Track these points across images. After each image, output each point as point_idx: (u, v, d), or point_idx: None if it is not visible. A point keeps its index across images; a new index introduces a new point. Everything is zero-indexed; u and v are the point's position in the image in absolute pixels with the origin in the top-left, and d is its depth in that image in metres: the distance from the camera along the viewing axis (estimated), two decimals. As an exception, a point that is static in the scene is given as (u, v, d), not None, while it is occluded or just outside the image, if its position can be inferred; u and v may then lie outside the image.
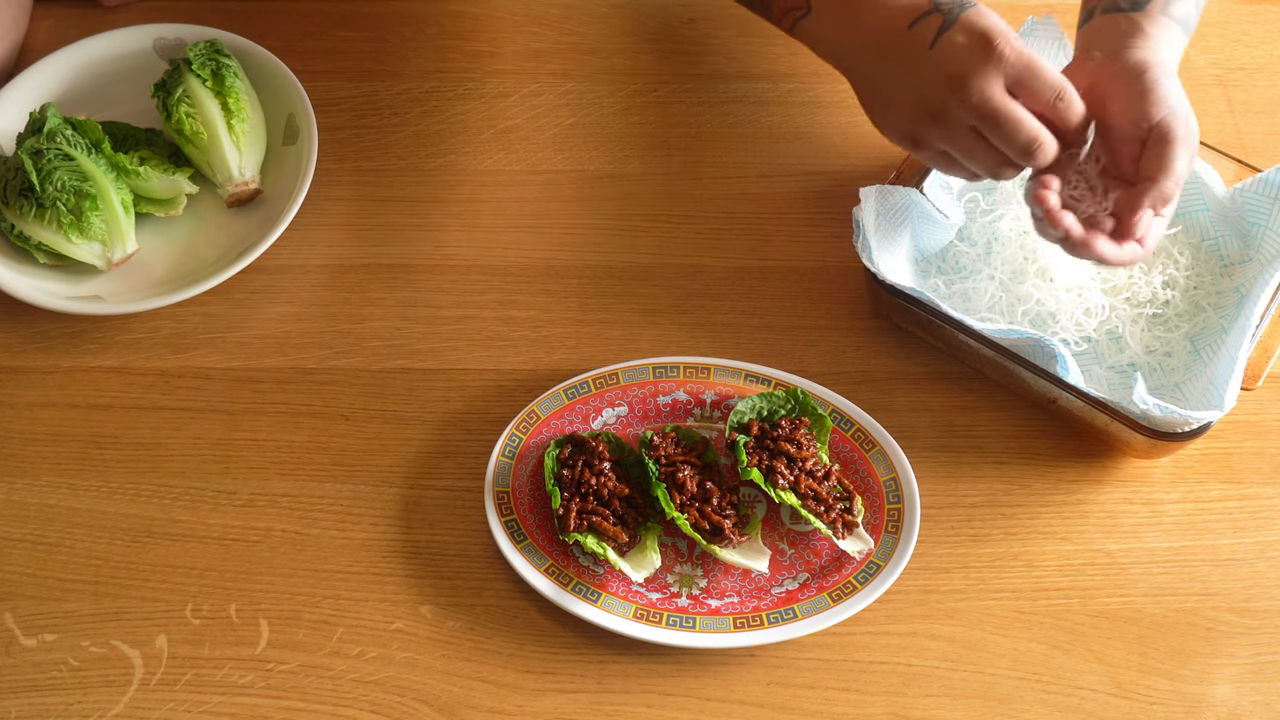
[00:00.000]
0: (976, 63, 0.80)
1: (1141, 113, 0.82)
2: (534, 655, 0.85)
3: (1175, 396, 0.89)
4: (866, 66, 0.87)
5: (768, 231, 1.02)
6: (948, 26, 0.81)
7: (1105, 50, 0.85)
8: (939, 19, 0.82)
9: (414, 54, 1.11)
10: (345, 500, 0.91)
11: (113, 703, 0.84)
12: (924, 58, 0.82)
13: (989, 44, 0.80)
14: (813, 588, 0.86)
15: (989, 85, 0.80)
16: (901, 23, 0.84)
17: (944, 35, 0.81)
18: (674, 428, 0.90)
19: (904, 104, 0.84)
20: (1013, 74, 0.80)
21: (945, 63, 0.81)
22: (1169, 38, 0.86)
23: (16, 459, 0.93)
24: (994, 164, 0.83)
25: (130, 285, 0.98)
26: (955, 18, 0.81)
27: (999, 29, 0.80)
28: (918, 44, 0.83)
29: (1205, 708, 0.83)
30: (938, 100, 0.82)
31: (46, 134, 0.96)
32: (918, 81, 0.83)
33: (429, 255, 1.01)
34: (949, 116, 0.82)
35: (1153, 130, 0.82)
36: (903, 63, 0.84)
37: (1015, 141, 0.80)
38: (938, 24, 0.82)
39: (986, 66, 0.80)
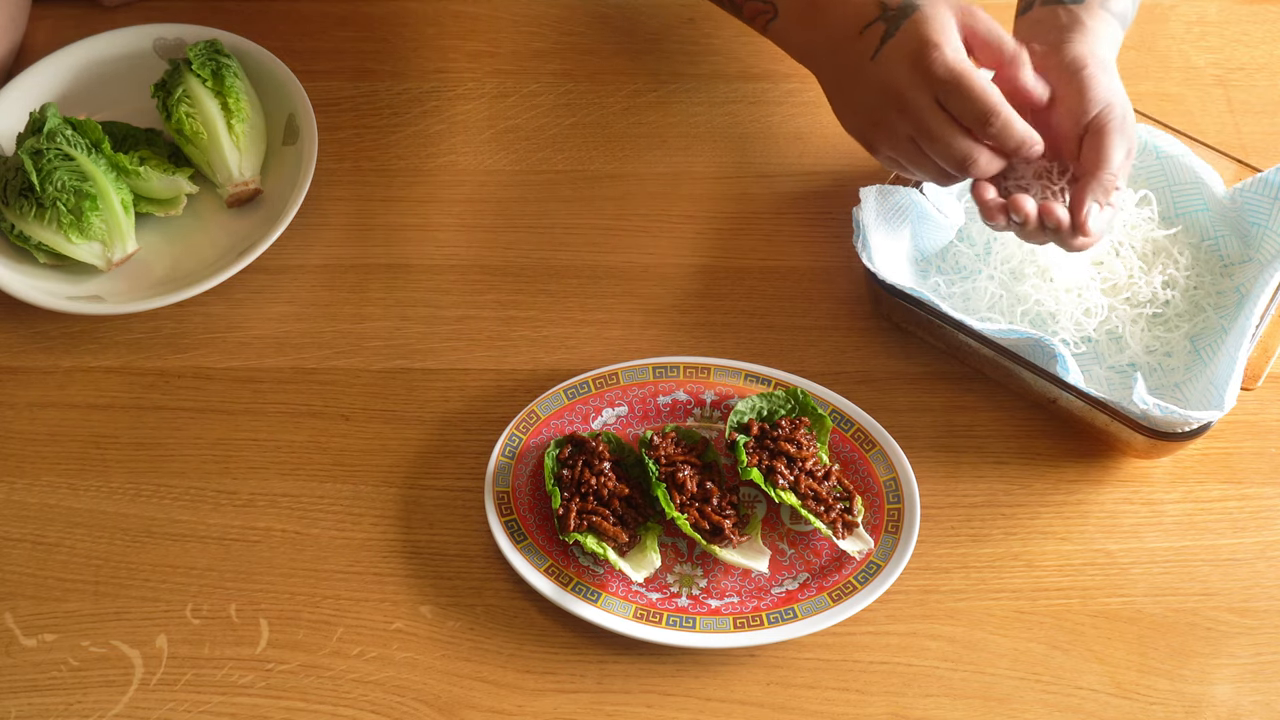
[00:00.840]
0: (909, 79, 0.81)
1: (1080, 109, 0.82)
2: (534, 655, 0.85)
3: (1175, 396, 0.89)
4: (827, 69, 0.88)
5: (768, 231, 1.02)
6: (888, 36, 0.82)
7: (1044, 43, 0.85)
8: (881, 28, 0.83)
9: (414, 54, 1.11)
10: (345, 500, 0.91)
11: (113, 703, 0.84)
12: (867, 69, 0.83)
13: (920, 59, 0.80)
14: (813, 588, 0.86)
15: (920, 101, 0.80)
16: (853, 28, 0.84)
17: (885, 45, 0.82)
18: (674, 428, 0.90)
19: (855, 110, 0.86)
20: (942, 92, 0.80)
21: (884, 75, 0.82)
22: (1107, 31, 0.87)
23: (16, 459, 0.93)
24: (934, 174, 0.84)
25: (130, 285, 0.98)
26: (896, 27, 0.82)
27: (932, 40, 0.80)
28: (863, 53, 0.83)
29: (1205, 708, 0.83)
30: (879, 110, 0.83)
31: (46, 134, 0.96)
32: (863, 91, 0.84)
33: (429, 255, 1.01)
34: (892, 126, 0.83)
35: (1089, 125, 0.82)
36: (851, 70, 0.85)
37: (948, 159, 0.81)
38: (880, 33, 0.82)
39: (918, 82, 0.80)
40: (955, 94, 0.80)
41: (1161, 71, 1.09)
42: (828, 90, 0.89)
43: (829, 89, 0.89)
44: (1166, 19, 1.12)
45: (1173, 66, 1.10)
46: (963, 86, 0.79)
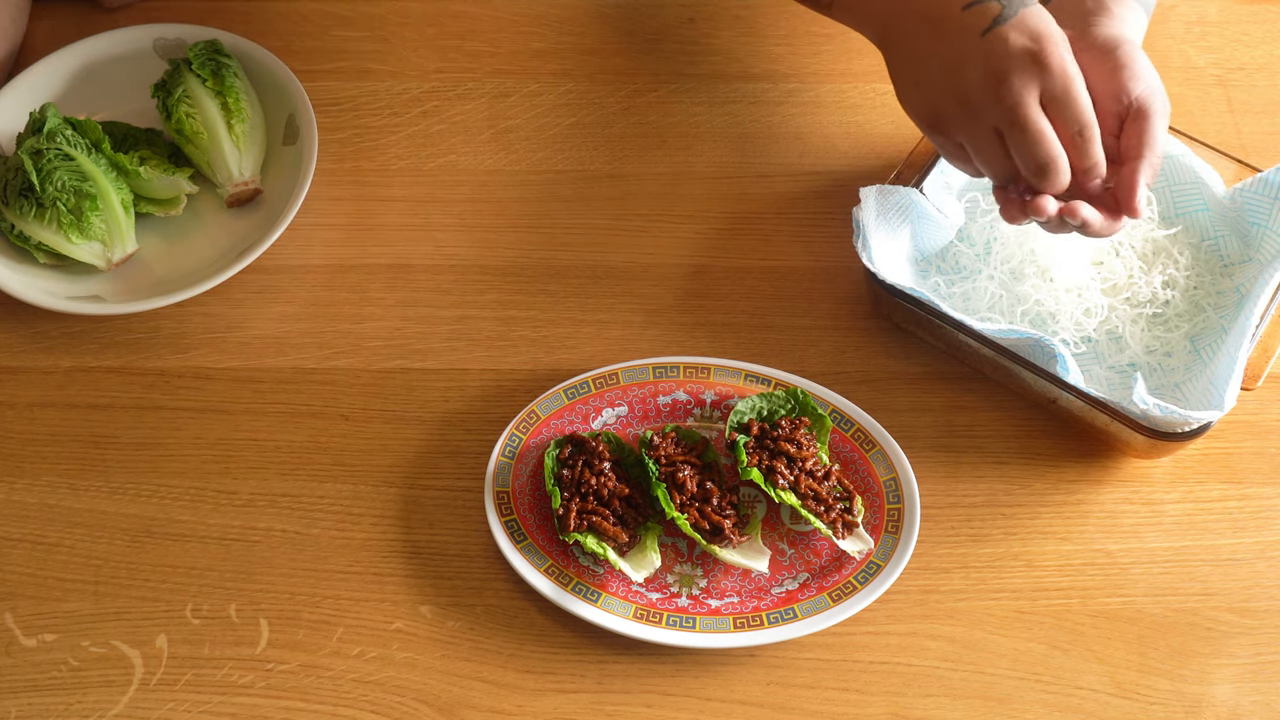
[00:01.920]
0: (1021, 65, 0.79)
1: (1120, 87, 0.82)
2: (534, 655, 0.85)
3: (1175, 396, 0.89)
4: (909, 39, 0.85)
5: (768, 231, 1.02)
6: (1003, 20, 0.80)
7: (1072, 26, 0.85)
8: (996, 8, 0.80)
9: (414, 54, 1.11)
10: (345, 500, 0.91)
11: (113, 703, 0.84)
12: (972, 43, 0.81)
13: (1039, 50, 0.79)
14: (813, 588, 0.86)
15: (1026, 91, 0.79)
16: (956, 2, 0.82)
17: (998, 27, 0.80)
18: (674, 428, 0.90)
19: (937, 85, 0.83)
20: (1051, 90, 0.79)
21: (991, 55, 0.80)
22: (1133, 17, 0.87)
23: (16, 459, 0.93)
24: (1004, 171, 0.83)
25: (130, 285, 0.98)
26: (1014, 12, 0.80)
27: (1052, 36, 0.79)
28: (969, 29, 0.81)
29: (1205, 708, 0.83)
30: (972, 90, 0.81)
31: (46, 134, 0.96)
32: (958, 66, 0.81)
33: (429, 255, 1.01)
34: (978, 110, 0.81)
35: (1132, 105, 0.82)
36: (948, 43, 0.82)
37: (1032, 158, 0.80)
38: (994, 13, 0.80)
39: (1029, 72, 0.79)
40: (1064, 96, 0.79)
41: (1161, 71, 1.07)
42: (899, 60, 0.86)
43: (903, 59, 0.86)
44: (1166, 19, 1.12)
45: (1173, 66, 1.10)
46: (1073, 91, 0.79)
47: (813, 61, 1.10)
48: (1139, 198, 0.81)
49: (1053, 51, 0.79)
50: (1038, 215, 0.81)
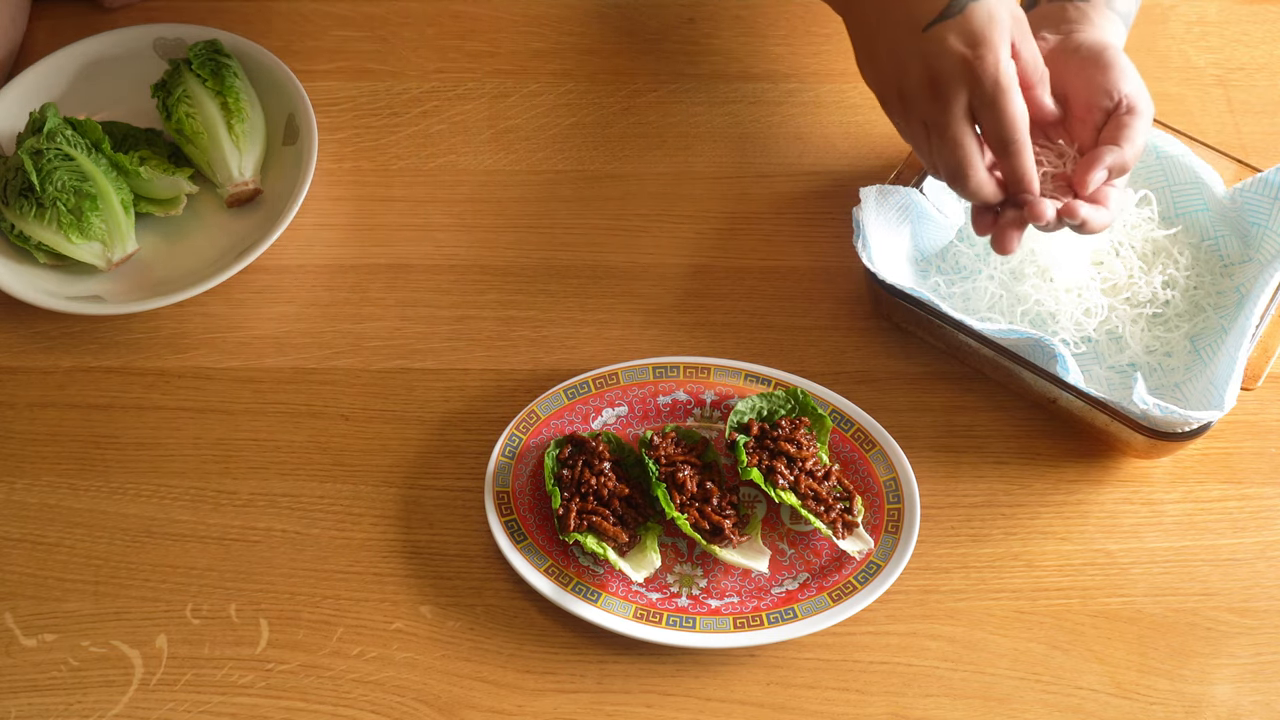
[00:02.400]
0: (953, 70, 0.78)
1: (1111, 84, 0.82)
2: (534, 655, 0.85)
3: (1175, 396, 0.89)
4: (865, 15, 0.84)
5: (768, 231, 1.02)
6: (947, 16, 0.78)
7: (1056, 32, 0.85)
8: (944, 2, 0.79)
9: (414, 54, 1.11)
10: (345, 500, 0.91)
11: (113, 703, 0.84)
12: (913, 37, 0.79)
13: (973, 57, 0.77)
14: (813, 588, 0.86)
15: (953, 97, 0.79)
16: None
17: (940, 24, 0.79)
18: (674, 428, 0.90)
19: (882, 69, 0.83)
20: (980, 98, 0.78)
21: (927, 55, 0.79)
22: (1114, 29, 0.88)
23: (16, 459, 0.93)
24: (929, 165, 0.84)
25: (130, 285, 0.98)
26: (960, 8, 0.78)
27: (991, 41, 0.77)
28: (913, 20, 0.79)
29: (1205, 708, 0.83)
30: (908, 85, 0.81)
31: (46, 134, 0.96)
32: (900, 55, 0.81)
33: (429, 255, 1.01)
34: (911, 104, 0.81)
35: (1121, 102, 0.82)
36: (896, 30, 0.81)
37: (944, 163, 0.81)
38: (940, 7, 0.78)
39: (960, 79, 0.78)
40: (991, 106, 0.78)
41: (1161, 71, 1.09)
42: (854, 33, 0.86)
43: (858, 36, 0.85)
44: (1166, 19, 1.12)
45: (1173, 66, 1.10)
46: (1000, 102, 0.78)
47: (813, 61, 1.10)
48: (1093, 175, 0.80)
49: (989, 60, 0.77)
50: (1036, 221, 0.81)
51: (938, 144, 0.80)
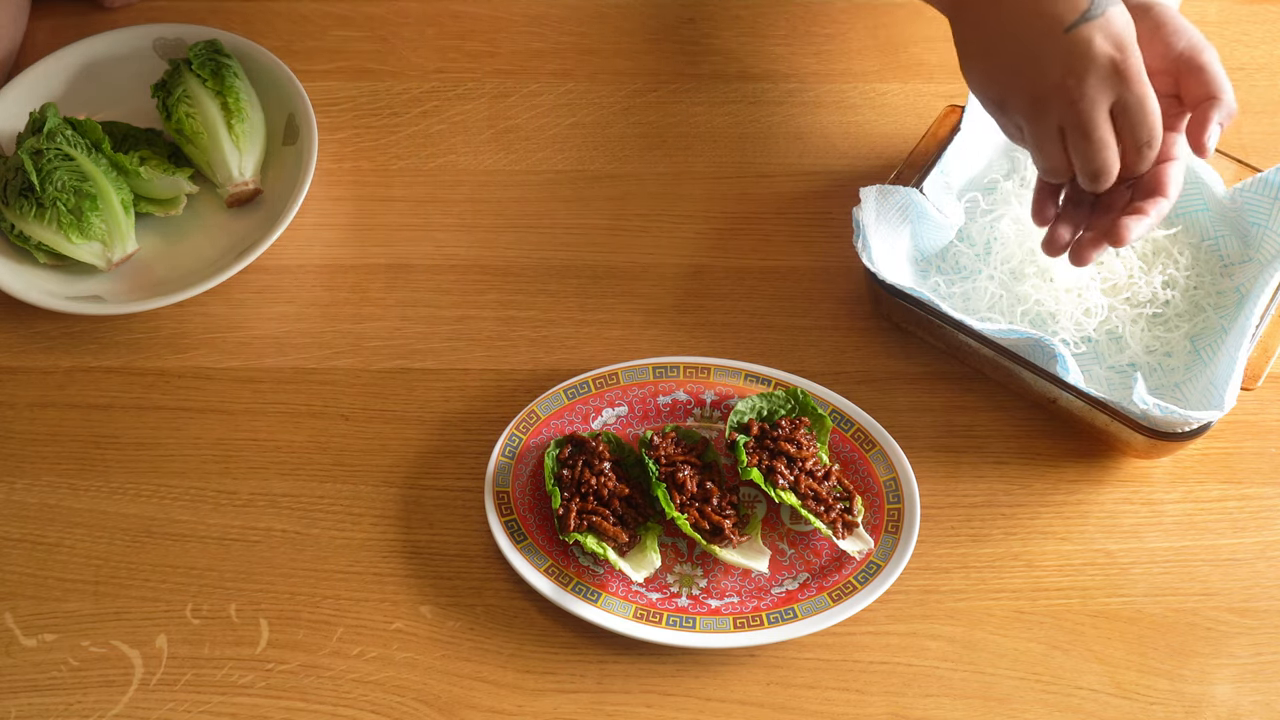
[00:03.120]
0: (1102, 72, 0.77)
1: (1164, 45, 0.82)
2: (534, 655, 0.85)
3: (1175, 396, 0.89)
4: (983, 17, 0.82)
5: (768, 231, 1.02)
6: (1090, 17, 0.77)
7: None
8: (1085, 3, 0.77)
9: (414, 54, 1.11)
10: (345, 500, 0.91)
11: (113, 703, 0.84)
12: (1053, 38, 0.78)
13: (1122, 60, 0.77)
14: (813, 588, 0.86)
15: (1100, 98, 0.78)
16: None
17: (1084, 25, 0.77)
18: (674, 428, 0.90)
19: (1009, 70, 0.81)
20: (1125, 101, 0.78)
21: (1072, 54, 0.78)
22: None
23: (16, 459, 0.93)
24: (1058, 166, 0.82)
25: (130, 285, 0.98)
26: (1100, 11, 0.77)
27: (1131, 43, 0.77)
28: (1052, 21, 0.78)
29: (1205, 708, 0.83)
30: (1047, 87, 0.79)
31: (46, 134, 0.96)
32: (1035, 58, 0.79)
33: (429, 255, 1.01)
34: (1047, 105, 0.80)
35: (1180, 59, 0.82)
36: (1030, 30, 0.79)
37: (1090, 164, 0.79)
38: (1082, 8, 0.77)
39: (1109, 80, 0.78)
40: (1137, 108, 0.78)
41: (1161, 71, 1.09)
42: (971, 33, 0.84)
43: (971, 34, 0.83)
44: (1166, 19, 1.12)
45: (1173, 66, 1.10)
46: (1147, 104, 0.78)
47: (813, 61, 1.10)
48: (1208, 136, 0.81)
49: (1134, 63, 0.77)
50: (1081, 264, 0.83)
51: (1082, 145, 0.79)
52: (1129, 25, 0.78)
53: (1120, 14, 0.78)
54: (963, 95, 0.95)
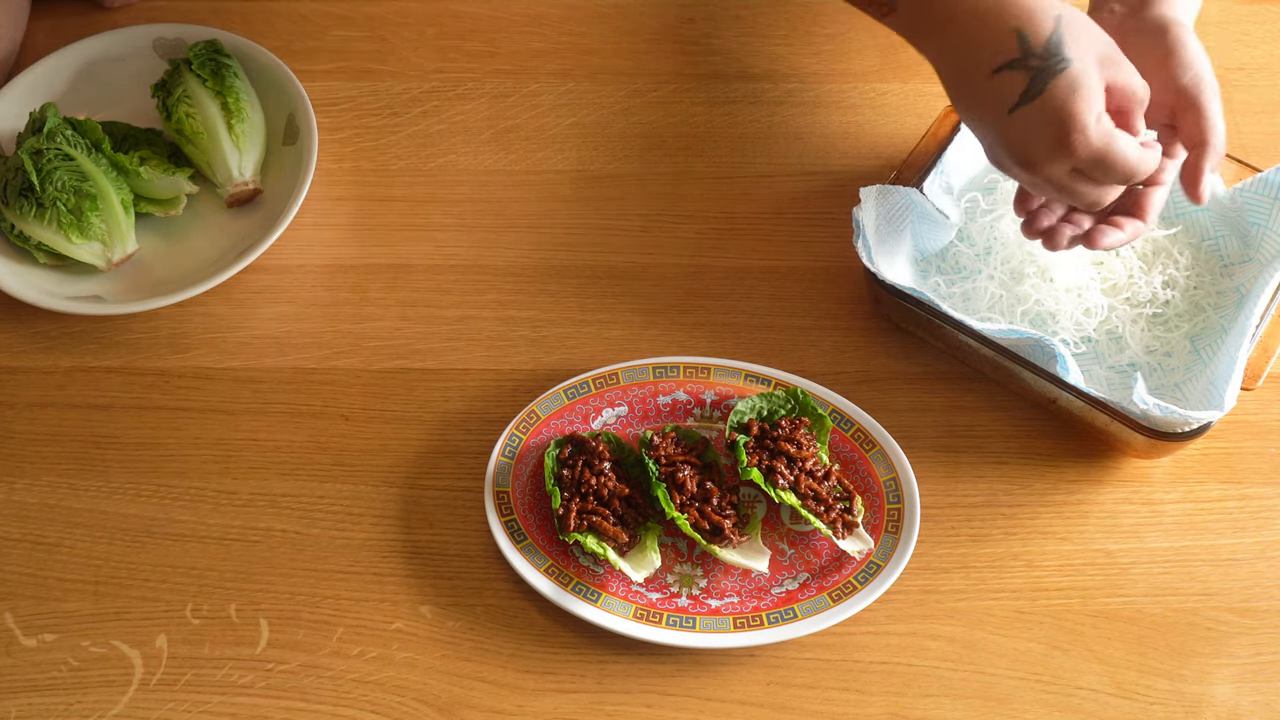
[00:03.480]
0: (1047, 153, 0.76)
1: (1168, 74, 0.81)
2: (534, 655, 0.85)
3: (1175, 396, 0.89)
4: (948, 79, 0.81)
5: (768, 231, 1.02)
6: (1030, 97, 0.75)
7: (1125, 5, 0.84)
8: (1024, 79, 0.75)
9: (414, 54, 1.11)
10: (345, 500, 0.91)
11: (113, 703, 0.84)
12: (1000, 120, 0.77)
13: (1063, 138, 0.75)
14: (813, 588, 0.86)
15: (1057, 171, 0.77)
16: (987, 63, 0.76)
17: (1023, 108, 0.75)
18: (674, 428, 0.90)
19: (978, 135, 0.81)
20: (1084, 166, 0.77)
21: (1016, 140, 0.77)
22: (1184, 4, 0.86)
23: (16, 459, 0.93)
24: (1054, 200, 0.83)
25: (130, 285, 0.98)
26: (1040, 88, 0.74)
27: (1079, 119, 0.74)
28: (996, 100, 0.76)
29: (1205, 708, 0.83)
30: (1004, 160, 0.79)
31: (46, 134, 0.96)
32: (989, 137, 0.79)
33: (429, 255, 1.01)
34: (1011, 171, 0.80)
35: (1182, 94, 0.81)
36: (980, 107, 0.78)
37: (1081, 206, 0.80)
38: (1021, 86, 0.75)
39: (1056, 158, 0.76)
40: (1099, 170, 0.76)
41: (1161, 71, 1.09)
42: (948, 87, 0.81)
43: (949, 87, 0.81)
44: (1166, 19, 1.12)
45: (1173, 66, 1.09)
46: (1106, 161, 0.76)
47: (813, 61, 1.10)
48: (1203, 186, 0.81)
49: (1076, 140, 0.74)
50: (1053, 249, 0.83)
51: (1065, 199, 0.79)
52: (1075, 92, 0.74)
53: (1064, 84, 0.74)
54: (963, 95, 0.95)
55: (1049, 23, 0.74)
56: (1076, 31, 0.75)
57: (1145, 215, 0.83)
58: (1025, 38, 0.74)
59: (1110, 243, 0.82)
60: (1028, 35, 0.74)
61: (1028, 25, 0.75)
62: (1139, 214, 0.83)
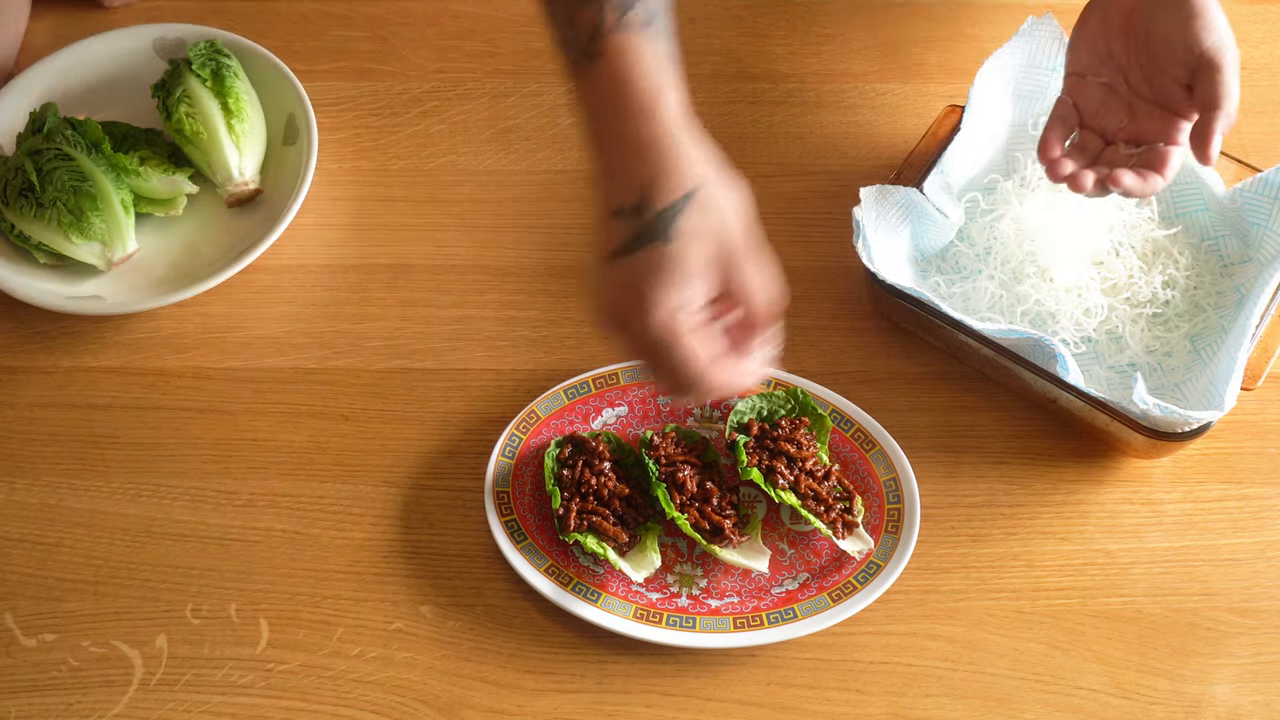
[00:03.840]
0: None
1: (1192, 37, 0.82)
2: (534, 655, 0.85)
3: (1175, 396, 0.89)
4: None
5: (768, 231, 1.01)
6: (623, 253, 0.69)
7: None
8: (629, 234, 0.69)
9: (414, 54, 1.11)
10: (345, 500, 0.91)
11: (113, 703, 0.84)
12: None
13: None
14: (813, 588, 0.86)
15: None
16: (613, 200, 0.70)
17: (619, 259, 0.69)
18: (674, 428, 0.90)
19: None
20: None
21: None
22: None
23: (16, 459, 0.93)
24: None
25: (130, 285, 0.98)
26: (633, 249, 0.69)
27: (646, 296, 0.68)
28: (604, 242, 0.70)
29: (1205, 708, 0.83)
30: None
31: (46, 134, 0.96)
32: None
33: (429, 255, 1.01)
34: None
35: (1203, 56, 0.82)
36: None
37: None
38: (624, 239, 0.69)
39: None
40: (655, 360, 0.69)
41: (1161, 71, 1.09)
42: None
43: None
44: (1166, 19, 1.12)
45: (1173, 66, 1.09)
46: (659, 357, 0.69)
47: (813, 61, 1.10)
48: (1213, 147, 0.81)
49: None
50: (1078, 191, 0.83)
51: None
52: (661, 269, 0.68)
53: (656, 255, 0.68)
54: (963, 95, 0.95)
55: (679, 192, 0.68)
56: (703, 214, 0.69)
57: (1165, 169, 0.83)
58: (649, 194, 0.68)
59: (1129, 185, 0.82)
60: (652, 193, 0.68)
61: (659, 183, 0.69)
62: (1158, 166, 0.83)
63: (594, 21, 0.70)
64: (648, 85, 0.70)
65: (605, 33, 0.70)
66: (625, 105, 0.70)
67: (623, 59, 0.70)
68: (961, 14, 1.13)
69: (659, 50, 0.71)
